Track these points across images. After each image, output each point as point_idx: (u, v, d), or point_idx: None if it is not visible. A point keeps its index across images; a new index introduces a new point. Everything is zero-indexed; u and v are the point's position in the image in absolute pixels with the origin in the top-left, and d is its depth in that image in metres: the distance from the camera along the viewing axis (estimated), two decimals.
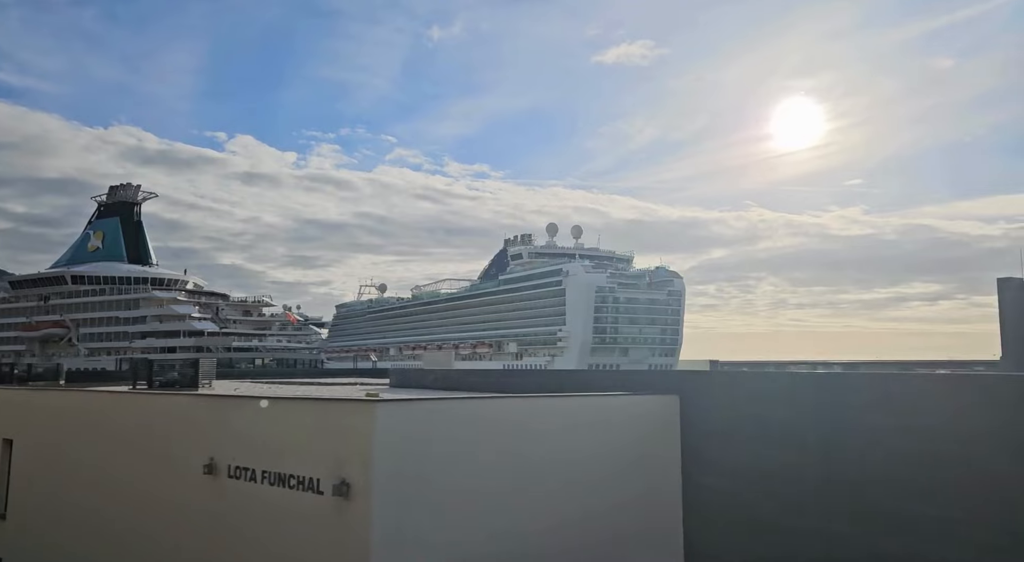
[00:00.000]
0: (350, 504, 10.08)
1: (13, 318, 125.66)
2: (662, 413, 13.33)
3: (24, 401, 19.60)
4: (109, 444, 15.53)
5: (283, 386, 23.17)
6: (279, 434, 11.33)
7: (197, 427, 13.02)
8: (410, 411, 10.70)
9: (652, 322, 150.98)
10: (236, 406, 12.64)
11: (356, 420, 10.18)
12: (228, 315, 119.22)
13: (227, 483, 12.15)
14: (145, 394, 15.76)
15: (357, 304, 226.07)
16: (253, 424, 11.88)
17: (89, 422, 16.54)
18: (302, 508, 10.82)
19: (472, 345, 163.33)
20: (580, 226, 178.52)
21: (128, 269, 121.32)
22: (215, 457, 12.41)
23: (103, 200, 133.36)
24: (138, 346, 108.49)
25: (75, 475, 16.43)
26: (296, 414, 11.30)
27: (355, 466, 10.08)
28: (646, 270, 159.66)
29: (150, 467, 14.25)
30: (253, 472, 11.70)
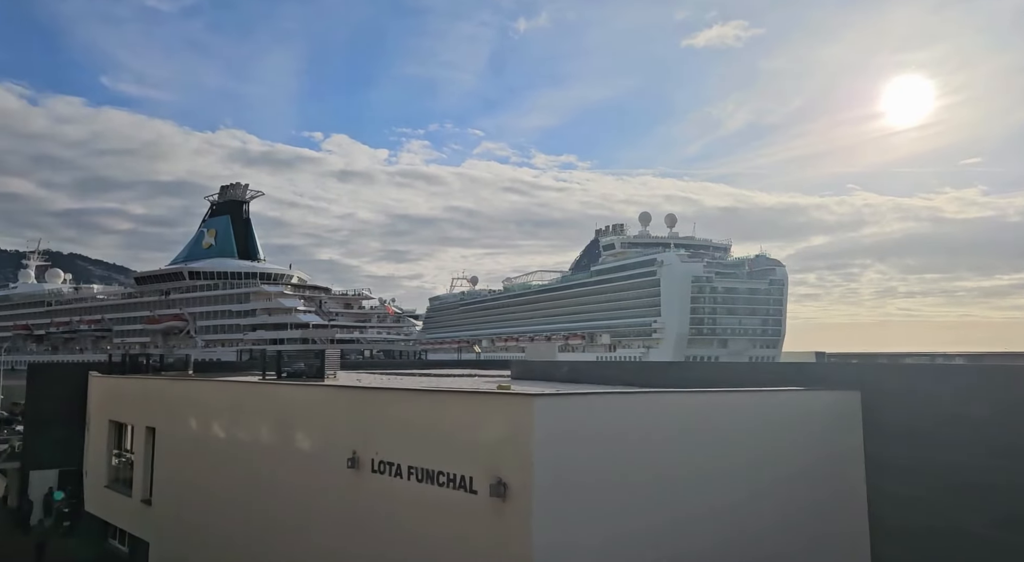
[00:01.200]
0: (508, 505, 9.37)
1: (138, 312, 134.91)
2: (841, 410, 11.92)
3: (165, 390, 20.22)
4: (249, 433, 15.60)
5: (405, 378, 23.00)
6: (427, 428, 10.76)
7: (338, 419, 12.70)
8: (570, 406, 9.86)
9: (752, 312, 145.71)
10: (379, 398, 12.22)
11: (513, 415, 9.45)
12: (330, 308, 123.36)
13: (371, 477, 11.72)
14: (281, 384, 15.75)
15: (450, 297, 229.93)
16: (398, 417, 11.39)
17: (228, 411, 16.71)
18: (453, 507, 10.21)
19: (564, 337, 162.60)
20: (674, 215, 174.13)
21: (238, 265, 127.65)
22: (358, 450, 12.02)
23: (215, 199, 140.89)
24: (249, 338, 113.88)
25: (216, 462, 16.65)
26: (445, 408, 10.70)
27: (512, 465, 9.35)
28: (745, 258, 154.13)
29: (290, 457, 14.11)
30: (398, 467, 11.20)
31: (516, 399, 9.58)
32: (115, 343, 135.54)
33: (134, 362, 28.15)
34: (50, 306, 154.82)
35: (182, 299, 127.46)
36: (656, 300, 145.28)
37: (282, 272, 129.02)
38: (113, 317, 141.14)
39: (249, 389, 17.20)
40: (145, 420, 19.89)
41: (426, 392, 11.33)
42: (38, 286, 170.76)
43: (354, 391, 13.04)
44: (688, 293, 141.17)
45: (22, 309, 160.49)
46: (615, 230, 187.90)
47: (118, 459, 21.96)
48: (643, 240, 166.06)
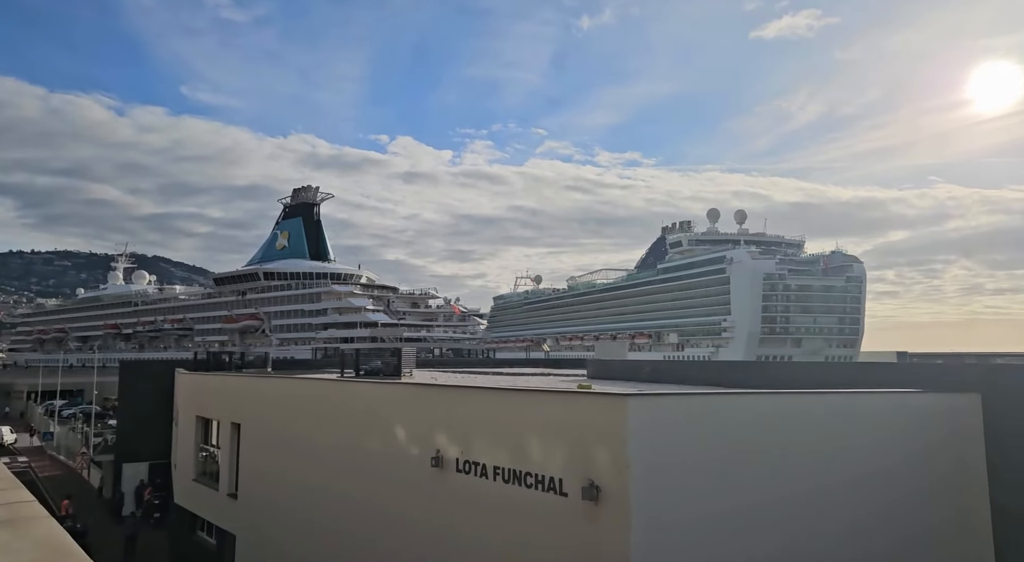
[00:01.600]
0: (601, 510, 9.01)
1: (217, 311, 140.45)
2: (960, 415, 11.05)
3: (250, 387, 20.70)
4: (331, 429, 15.72)
5: (480, 376, 22.89)
6: (514, 428, 10.51)
7: (421, 417, 12.60)
8: (667, 407, 9.41)
9: (828, 311, 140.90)
10: (464, 397, 12.05)
11: (606, 415, 9.08)
12: (398, 307, 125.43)
13: (455, 477, 11.56)
14: (363, 382, 15.84)
15: (514, 296, 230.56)
16: (484, 417, 11.18)
17: (310, 407, 16.92)
18: (542, 509, 9.92)
19: (630, 336, 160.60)
20: (744, 211, 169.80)
21: (310, 265, 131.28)
22: (441, 449, 11.89)
23: (287, 202, 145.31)
24: (320, 336, 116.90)
25: (299, 458, 16.87)
26: (533, 407, 10.43)
27: (606, 467, 8.99)
28: (820, 255, 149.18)
29: (371, 454, 14.12)
30: (484, 467, 10.99)
31: (609, 399, 9.21)
32: (196, 341, 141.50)
33: (217, 359, 29.06)
34: (136, 306, 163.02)
35: (257, 299, 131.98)
36: (726, 298, 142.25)
37: (351, 272, 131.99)
38: (194, 316, 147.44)
39: (331, 386, 17.38)
40: (230, 416, 20.39)
41: (514, 391, 11.07)
42: (125, 287, 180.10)
43: (438, 389, 12.91)
44: (760, 291, 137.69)
45: (111, 309, 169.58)
46: (682, 227, 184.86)
47: (205, 454, 22.65)
48: (711, 237, 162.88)
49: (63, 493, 33.29)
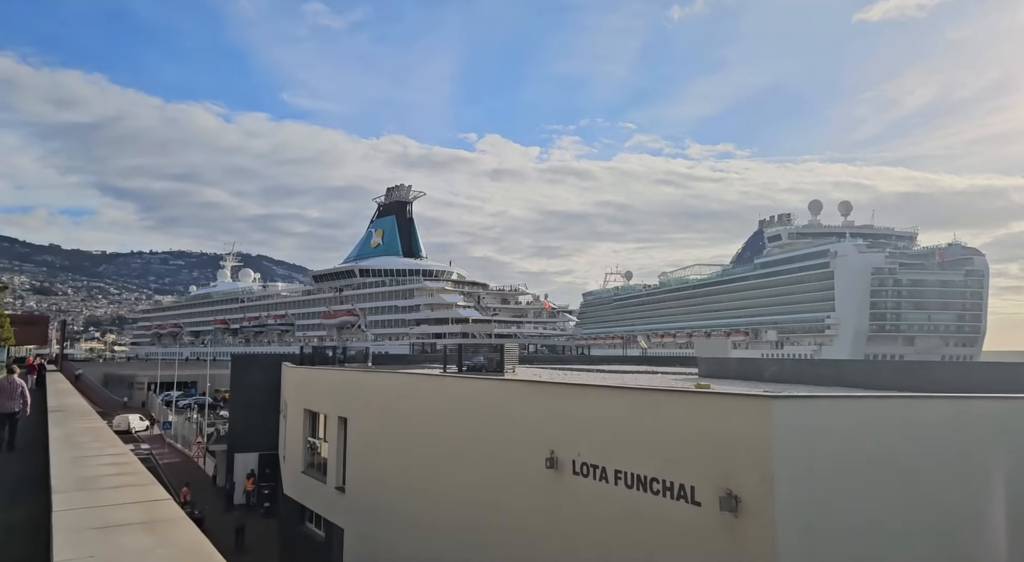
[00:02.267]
0: (742, 522, 8.20)
1: (316, 307, 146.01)
2: None
3: (356, 382, 20.90)
4: (439, 425, 15.50)
5: (583, 374, 22.24)
6: (639, 430, 9.83)
7: (534, 415, 12.11)
8: (817, 411, 8.45)
9: (945, 307, 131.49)
10: (582, 395, 11.46)
11: (747, 419, 8.25)
12: (488, 303, 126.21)
13: (572, 480, 11.00)
14: (471, 378, 15.55)
15: (603, 292, 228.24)
16: (604, 417, 10.56)
17: (417, 402, 16.78)
18: (671, 519, 9.20)
19: (725, 333, 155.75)
20: (849, 202, 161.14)
21: (403, 262, 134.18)
22: (556, 450, 11.35)
23: (381, 201, 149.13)
24: (414, 332, 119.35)
25: (406, 453, 16.78)
26: (660, 408, 9.72)
27: (746, 476, 8.16)
28: (935, 247, 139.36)
29: (481, 451, 13.77)
30: (603, 471, 10.37)
31: (751, 401, 8.36)
32: (296, 336, 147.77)
33: (322, 354, 29.74)
34: (243, 303, 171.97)
35: (354, 295, 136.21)
36: (829, 294, 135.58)
37: (443, 269, 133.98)
38: (294, 312, 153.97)
39: (437, 382, 17.19)
40: (337, 410, 20.64)
41: (637, 390, 10.37)
42: (233, 285, 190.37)
43: (554, 387, 12.35)
44: (867, 286, 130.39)
45: (220, 305, 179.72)
46: (781, 220, 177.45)
47: (313, 446, 23.10)
48: (813, 230, 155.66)
49: (182, 480, 35.13)
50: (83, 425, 12.37)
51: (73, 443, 8.70)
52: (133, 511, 4.82)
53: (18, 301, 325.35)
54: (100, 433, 10.68)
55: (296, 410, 24.34)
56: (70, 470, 6.38)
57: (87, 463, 6.97)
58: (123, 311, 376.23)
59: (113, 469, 6.72)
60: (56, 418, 13.97)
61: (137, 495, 5.61)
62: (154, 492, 5.69)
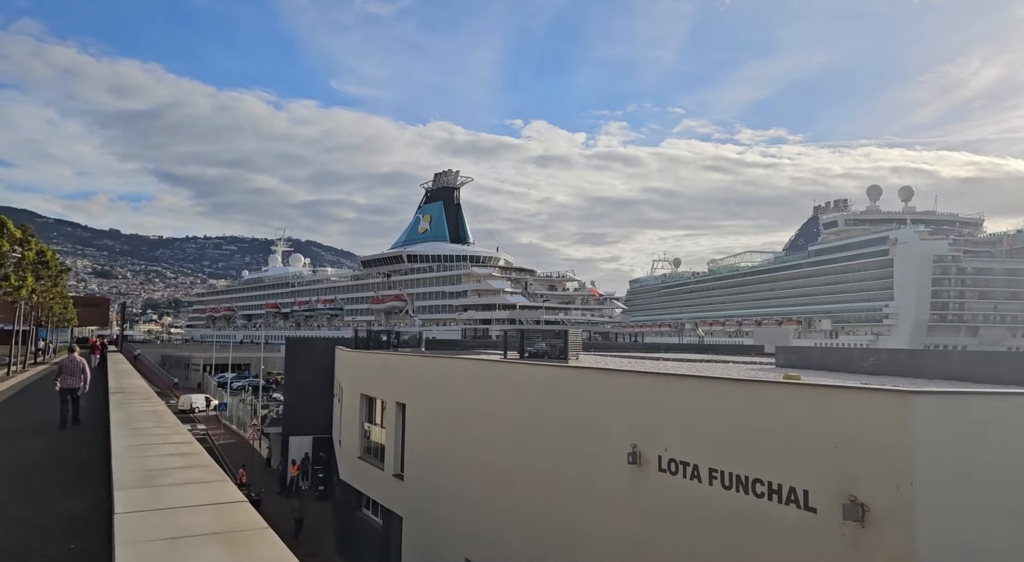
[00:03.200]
0: (870, 534, 7.20)
1: (364, 292, 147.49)
2: None
3: (416, 367, 20.31)
4: (504, 413, 14.78)
5: (650, 362, 21.23)
6: (737, 425, 8.88)
7: (613, 406, 11.24)
8: (968, 409, 7.36)
9: (1012, 296, 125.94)
10: (668, 386, 10.54)
11: (879, 417, 7.24)
12: (535, 290, 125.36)
13: (658, 477, 10.12)
14: (540, 365, 14.75)
15: (650, 279, 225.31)
16: (695, 410, 9.64)
17: (480, 389, 16.08)
18: (778, 525, 8.25)
19: (777, 322, 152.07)
20: (910, 187, 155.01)
21: (451, 248, 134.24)
22: (639, 444, 10.48)
23: (429, 187, 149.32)
24: (461, 318, 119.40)
25: (469, 442, 16.14)
26: (765, 401, 8.74)
27: (877, 481, 7.16)
28: (1003, 234, 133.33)
29: (551, 442, 12.97)
30: (695, 469, 9.46)
31: (885, 397, 7.32)
32: (345, 321, 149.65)
33: (376, 338, 29.38)
34: (293, 287, 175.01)
35: (402, 280, 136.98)
36: (888, 282, 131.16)
37: (490, 255, 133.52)
38: (343, 297, 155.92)
39: (504, 368, 16.34)
40: (396, 395, 20.12)
41: (737, 382, 9.41)
42: (283, 269, 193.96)
43: (636, 377, 11.43)
44: (929, 274, 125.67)
45: (271, 289, 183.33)
46: (837, 206, 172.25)
47: (369, 432, 22.69)
48: (871, 216, 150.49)
49: (238, 461, 35.44)
50: (145, 407, 11.93)
51: (135, 428, 8.14)
52: (204, 516, 4.13)
53: (80, 284, 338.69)
54: (162, 417, 10.11)
55: (352, 395, 23.98)
56: (133, 461, 5.75)
57: (150, 452, 6.35)
58: (179, 294, 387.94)
59: (179, 460, 6.06)
60: (117, 400, 13.58)
61: (207, 495, 4.87)
62: (225, 491, 4.94)
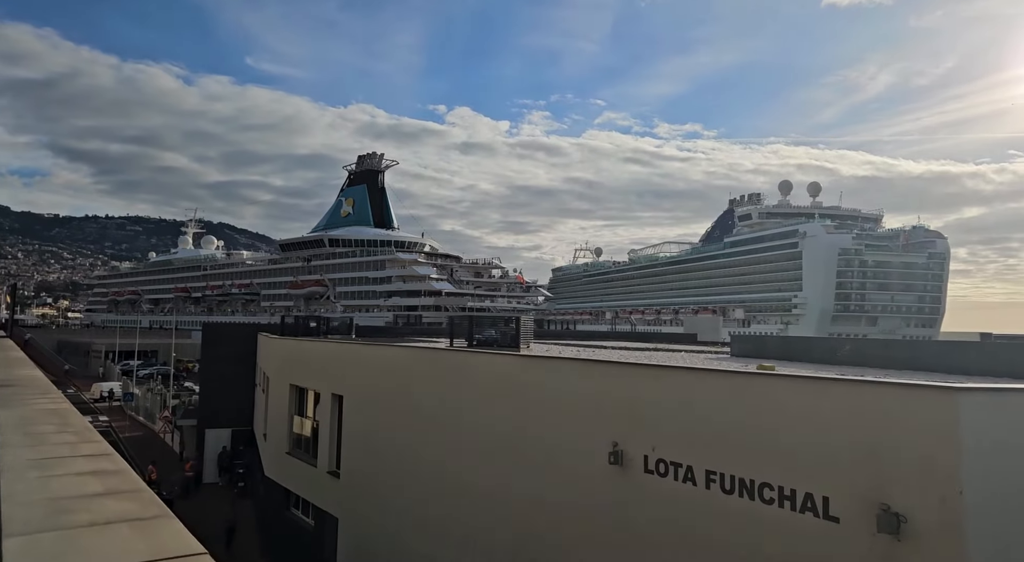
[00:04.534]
0: (908, 549, 6.45)
1: (283, 277, 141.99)
2: None
3: (354, 356, 18.71)
4: (455, 406, 13.56)
5: (603, 350, 20.45)
6: (743, 423, 8.06)
7: (588, 400, 10.21)
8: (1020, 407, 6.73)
9: (907, 288, 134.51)
10: (655, 377, 9.59)
11: (919, 415, 6.53)
12: (461, 276, 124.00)
13: (644, 479, 9.22)
14: (502, 355, 13.56)
15: (573, 268, 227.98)
16: (690, 405, 8.77)
17: (428, 380, 14.74)
18: (789, 535, 7.47)
19: (693, 310, 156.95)
20: (818, 183, 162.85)
21: (375, 233, 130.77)
22: (621, 443, 9.55)
23: (352, 169, 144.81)
24: (385, 304, 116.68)
25: (415, 437, 14.84)
26: (776, 397, 7.94)
27: (917, 491, 6.43)
28: (900, 230, 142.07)
29: (513, 440, 11.90)
30: (690, 471, 8.60)
31: (924, 393, 6.60)
32: (262, 306, 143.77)
33: (305, 325, 27.50)
34: (205, 271, 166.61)
35: (323, 265, 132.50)
36: (797, 273, 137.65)
37: (415, 240, 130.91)
38: (260, 281, 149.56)
39: (456, 358, 15.06)
40: (332, 386, 18.55)
41: (741, 374, 8.57)
42: (195, 252, 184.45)
43: (617, 367, 10.42)
44: (834, 266, 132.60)
45: (181, 273, 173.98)
46: (751, 200, 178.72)
47: (301, 426, 20.98)
48: (783, 210, 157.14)
49: (146, 456, 32.72)
50: (43, 405, 9.96)
51: (31, 434, 6.43)
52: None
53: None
54: (67, 418, 8.22)
55: (280, 385, 22.17)
56: (30, 485, 4.27)
57: (55, 469, 4.82)
58: (78, 277, 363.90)
59: (96, 483, 4.54)
60: (4, 395, 11.40)
61: (146, 542, 3.40)
62: (173, 535, 3.49)
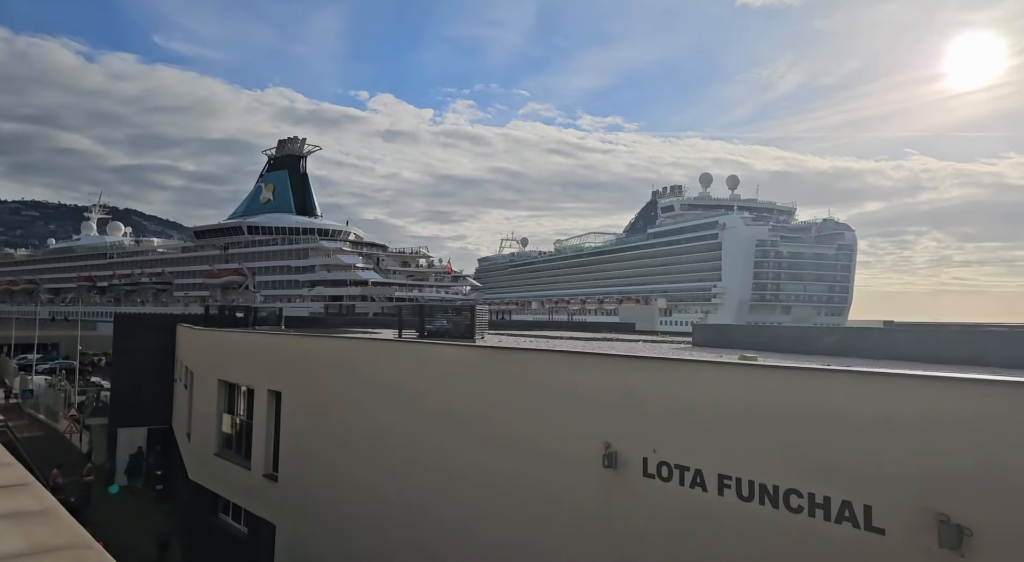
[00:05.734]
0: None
1: (198, 265, 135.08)
2: None
3: (291, 349, 17.01)
4: (411, 403, 12.34)
5: (558, 341, 19.54)
6: (762, 421, 7.26)
7: (577, 396, 9.31)
8: None
9: (819, 278, 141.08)
10: (655, 371, 8.61)
11: (979, 413, 5.89)
12: (387, 265, 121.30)
13: (642, 485, 8.36)
14: (463, 347, 12.42)
15: (499, 258, 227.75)
16: (697, 402, 7.93)
17: (378, 375, 13.42)
18: (824, 549, 6.75)
19: (617, 300, 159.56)
20: (737, 176, 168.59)
21: (297, 220, 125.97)
22: (615, 444, 8.66)
23: (272, 154, 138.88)
24: (309, 294, 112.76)
25: (364, 438, 13.55)
26: (801, 392, 7.14)
27: (984, 500, 5.79)
28: (812, 222, 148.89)
29: (485, 441, 10.85)
30: (698, 475, 7.76)
31: (997, 389, 5.93)
32: (175, 296, 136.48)
33: (231, 316, 25.46)
34: (112, 258, 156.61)
35: (241, 253, 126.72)
36: (717, 264, 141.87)
37: (340, 228, 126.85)
38: (173, 270, 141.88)
39: (415, 351, 13.69)
40: (268, 382, 16.91)
41: (756, 368, 7.77)
42: (100, 239, 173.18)
43: (609, 360, 9.45)
44: (752, 257, 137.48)
45: (85, 261, 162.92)
46: (673, 191, 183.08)
47: (231, 424, 19.18)
48: (704, 202, 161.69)
49: (48, 459, 29.77)
50: None
51: None
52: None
53: None
54: None
55: (206, 381, 20.24)
56: None
57: None
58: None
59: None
60: None
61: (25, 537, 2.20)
62: (61, 531, 2.22)
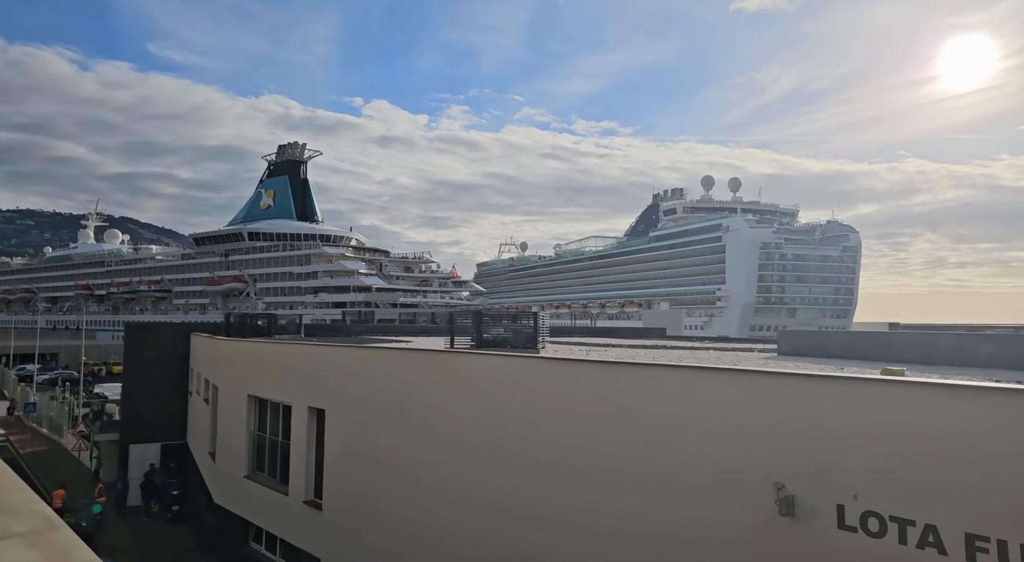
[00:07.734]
0: None
1: (198, 273, 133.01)
2: None
3: (335, 361, 15.21)
4: (487, 425, 10.70)
5: (609, 348, 17.82)
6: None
7: (738, 422, 7.69)
8: None
9: (824, 280, 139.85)
10: (849, 392, 6.98)
11: None
12: (390, 271, 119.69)
13: (838, 539, 6.72)
14: (562, 360, 10.76)
15: (498, 262, 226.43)
16: (923, 435, 6.28)
17: (441, 390, 11.77)
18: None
19: (620, 304, 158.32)
20: (738, 179, 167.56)
21: (298, 226, 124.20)
22: (791, 485, 6.98)
23: (272, 159, 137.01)
24: (312, 301, 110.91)
25: (426, 461, 11.89)
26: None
27: None
28: (816, 224, 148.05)
29: (594, 469, 9.22)
30: (933, 532, 6.06)
31: None
32: (175, 304, 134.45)
33: (252, 324, 23.77)
34: (110, 266, 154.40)
35: (242, 260, 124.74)
36: (721, 267, 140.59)
37: (342, 234, 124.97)
38: (172, 278, 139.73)
39: (486, 364, 11.90)
40: (309, 398, 15.23)
41: (995, 391, 6.13)
42: (97, 246, 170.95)
43: (776, 379, 7.72)
44: (756, 260, 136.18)
45: (82, 269, 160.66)
46: (675, 195, 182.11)
47: (265, 445, 17.42)
48: (706, 205, 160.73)
49: (53, 478, 27.97)
50: None
51: None
52: None
53: None
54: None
55: (234, 396, 18.53)
56: None
57: None
58: None
59: None
60: None
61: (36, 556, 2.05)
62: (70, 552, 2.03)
